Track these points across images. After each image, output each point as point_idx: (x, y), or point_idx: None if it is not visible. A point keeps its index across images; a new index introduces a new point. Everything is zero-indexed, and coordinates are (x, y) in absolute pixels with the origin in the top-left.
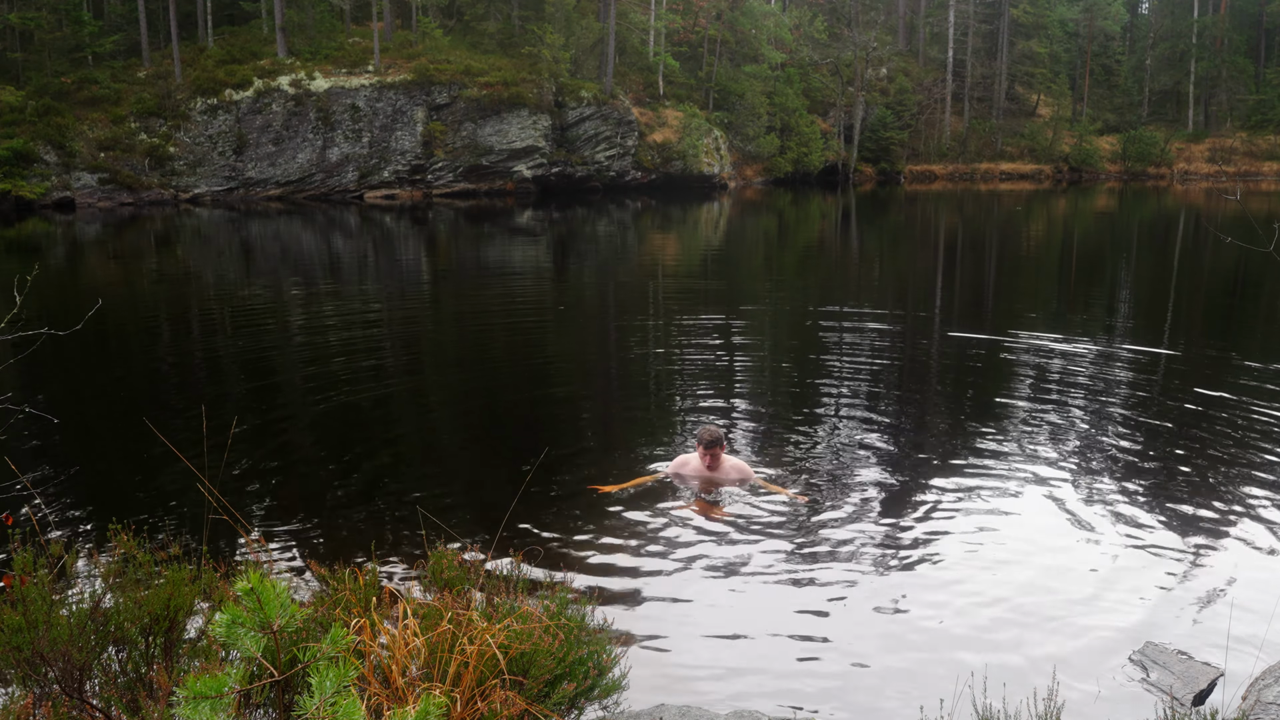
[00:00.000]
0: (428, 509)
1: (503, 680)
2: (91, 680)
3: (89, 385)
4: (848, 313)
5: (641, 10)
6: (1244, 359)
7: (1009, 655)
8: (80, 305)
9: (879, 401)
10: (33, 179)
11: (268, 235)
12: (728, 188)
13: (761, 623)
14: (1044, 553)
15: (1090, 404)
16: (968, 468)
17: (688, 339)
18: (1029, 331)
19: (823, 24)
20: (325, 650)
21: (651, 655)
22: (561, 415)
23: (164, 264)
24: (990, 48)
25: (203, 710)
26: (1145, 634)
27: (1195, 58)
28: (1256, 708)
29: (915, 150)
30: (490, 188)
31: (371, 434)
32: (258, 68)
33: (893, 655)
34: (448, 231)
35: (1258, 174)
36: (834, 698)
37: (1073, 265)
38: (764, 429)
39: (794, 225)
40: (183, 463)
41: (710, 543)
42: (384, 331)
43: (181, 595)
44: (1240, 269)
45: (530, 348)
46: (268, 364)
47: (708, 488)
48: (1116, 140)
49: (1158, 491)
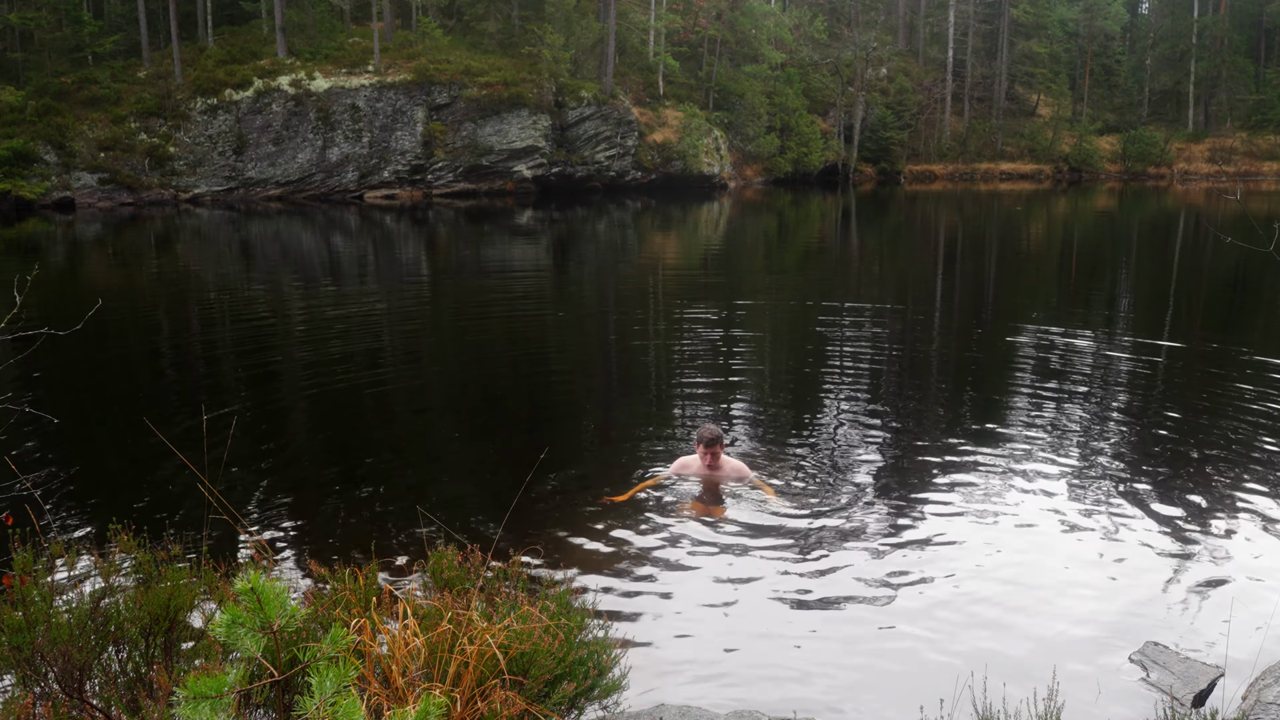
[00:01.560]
0: (428, 509)
1: (503, 680)
2: (91, 680)
3: (89, 385)
4: (848, 311)
5: (641, 10)
6: (1244, 359)
7: (1009, 656)
8: (80, 305)
9: (878, 401)
10: (33, 179)
11: (267, 235)
12: (728, 188)
13: (761, 623)
14: (1044, 552)
15: (1090, 403)
16: (968, 467)
17: (688, 338)
18: (1029, 331)
19: (823, 24)
20: (325, 650)
21: (651, 655)
22: (562, 415)
23: (164, 264)
24: (990, 48)
25: (203, 710)
26: (1145, 634)
27: (1195, 58)
28: (1256, 708)
29: (915, 150)
30: (490, 188)
31: (372, 434)
32: (258, 68)
33: (892, 655)
34: (448, 232)
35: (1258, 174)
36: (834, 698)
37: (1073, 265)
38: (764, 428)
39: (794, 225)
40: (183, 462)
41: (711, 543)
42: (384, 331)
43: (181, 595)
44: (1240, 269)
45: (531, 348)
46: (268, 364)
47: (709, 488)
48: (1116, 140)
49: (1158, 491)
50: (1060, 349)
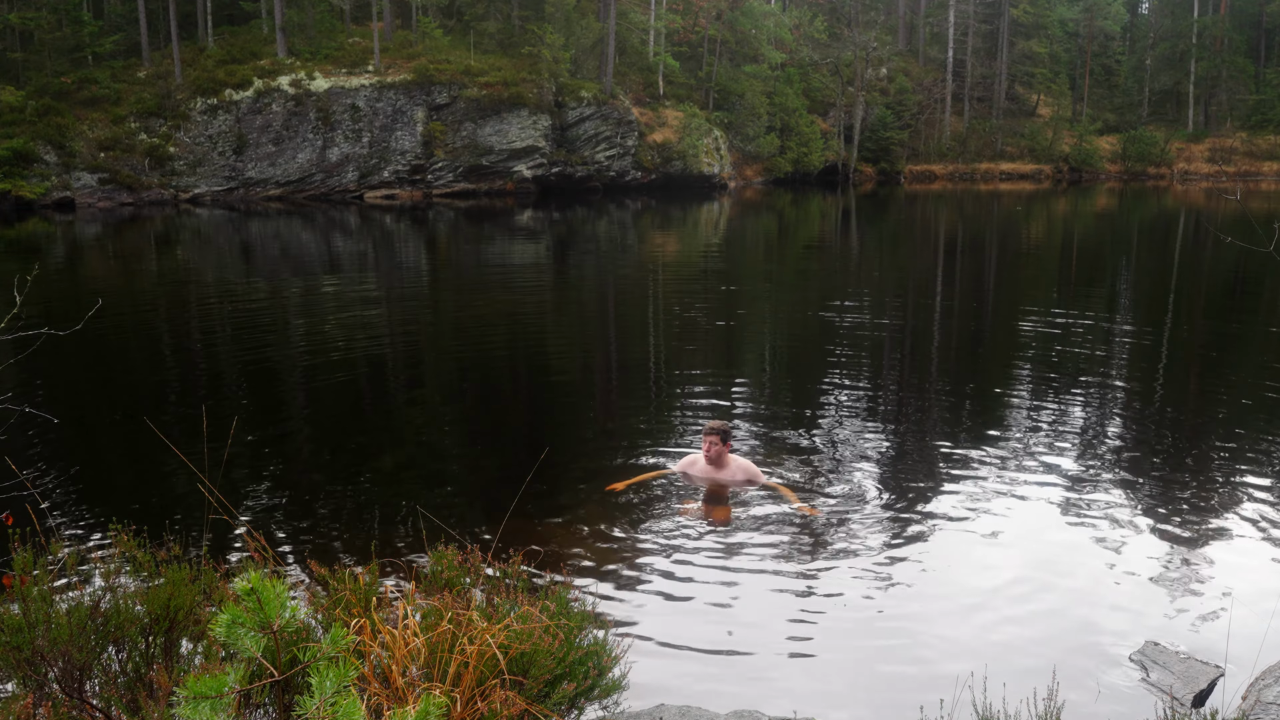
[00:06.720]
0: (428, 509)
1: (503, 680)
2: (91, 680)
3: (89, 385)
4: (848, 311)
5: (641, 10)
6: (1245, 359)
7: (1009, 655)
8: (80, 305)
9: (879, 401)
10: (33, 179)
11: (267, 235)
12: (728, 188)
13: (762, 623)
14: (1044, 552)
15: (1091, 403)
16: (968, 468)
17: (689, 338)
18: (1029, 331)
19: (823, 24)
20: (325, 650)
21: (652, 655)
22: (562, 415)
23: (164, 264)
24: (990, 48)
25: (203, 710)
26: (1145, 634)
27: (1195, 58)
28: (1256, 708)
29: (915, 150)
30: (490, 188)
31: (372, 434)
32: (258, 68)
33: (893, 655)
34: (448, 232)
35: (1258, 174)
36: (834, 698)
37: (1073, 265)
38: (765, 427)
39: (794, 225)
40: (183, 462)
41: (712, 543)
42: (384, 331)
43: (181, 595)
44: (1240, 269)
45: (531, 347)
46: (268, 364)
47: (713, 488)
48: (1116, 140)
49: (1158, 491)
50: (1060, 349)
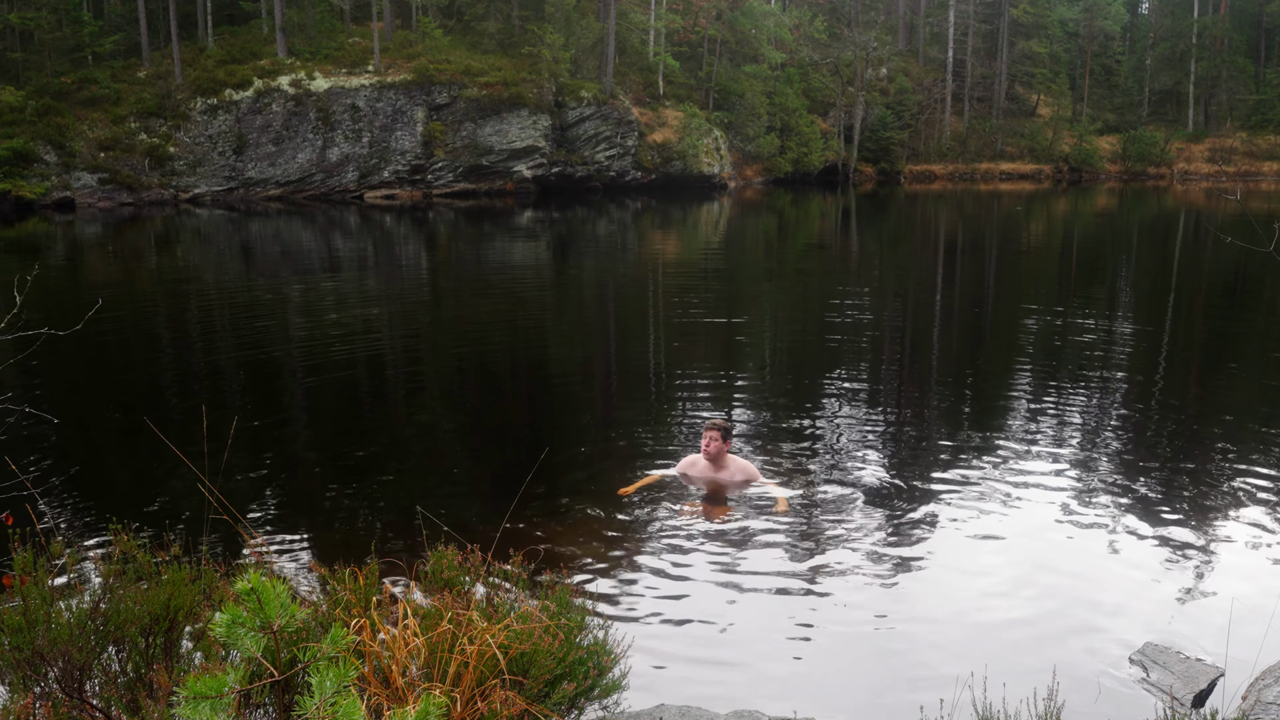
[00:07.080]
0: (428, 509)
1: (503, 680)
2: (91, 680)
3: (89, 385)
4: (848, 310)
5: (641, 10)
6: (1245, 359)
7: (1009, 655)
8: (80, 305)
9: (879, 401)
10: (33, 179)
11: (267, 235)
12: (728, 188)
13: (762, 623)
14: (1043, 552)
15: (1090, 403)
16: (968, 468)
17: (688, 338)
18: (1029, 330)
19: (823, 24)
20: (325, 650)
21: (652, 655)
22: (562, 415)
23: (164, 264)
24: (990, 48)
25: (203, 710)
26: (1145, 634)
27: (1195, 58)
28: (1256, 708)
29: (915, 150)
30: (490, 188)
31: (372, 434)
32: (258, 68)
33: (892, 655)
34: (448, 232)
35: (1258, 174)
36: (834, 698)
37: (1073, 265)
38: (764, 426)
39: (794, 225)
40: (183, 462)
41: (712, 543)
42: (384, 332)
43: (181, 595)
44: (1240, 269)
45: (531, 347)
46: (268, 364)
47: (713, 488)
48: (1116, 140)
49: (1158, 491)
50: (1060, 349)
